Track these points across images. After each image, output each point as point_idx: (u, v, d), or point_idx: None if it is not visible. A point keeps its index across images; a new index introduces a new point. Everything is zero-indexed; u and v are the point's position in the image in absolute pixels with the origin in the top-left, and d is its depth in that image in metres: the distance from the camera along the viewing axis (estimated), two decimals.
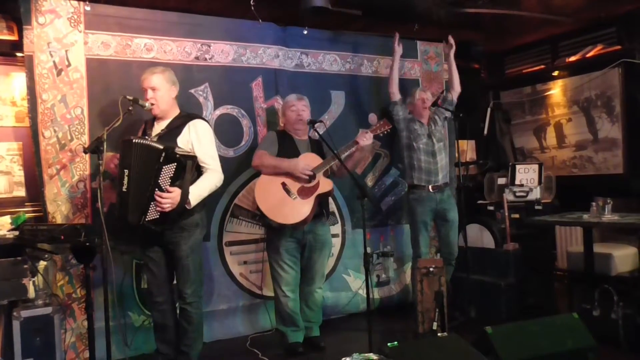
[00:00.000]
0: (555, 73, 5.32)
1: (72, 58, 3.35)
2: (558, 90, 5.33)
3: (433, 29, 4.68)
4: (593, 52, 4.98)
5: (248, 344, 3.66)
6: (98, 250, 2.67)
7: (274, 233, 3.41)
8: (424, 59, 4.74)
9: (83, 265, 2.88)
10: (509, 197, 4.59)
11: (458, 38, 4.31)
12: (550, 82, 5.39)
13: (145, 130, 3.05)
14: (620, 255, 4.08)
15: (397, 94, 4.08)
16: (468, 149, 5.58)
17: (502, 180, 4.87)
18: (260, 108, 4.01)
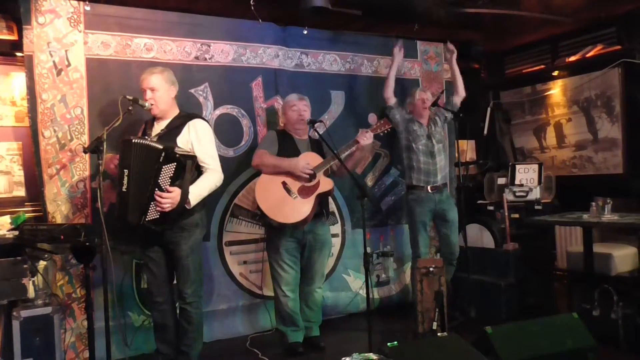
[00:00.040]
0: (555, 73, 5.32)
1: (71, 58, 3.34)
2: (558, 90, 5.33)
3: (433, 29, 4.68)
4: (593, 52, 4.98)
5: (248, 344, 3.66)
6: (98, 250, 2.67)
7: (274, 233, 3.41)
8: (424, 59, 4.74)
9: (83, 265, 2.87)
10: (509, 197, 4.59)
11: (458, 38, 4.32)
12: (550, 82, 5.39)
13: (145, 131, 3.05)
14: (620, 255, 4.08)
15: (391, 99, 4.08)
16: (468, 149, 5.58)
17: (502, 180, 4.87)
18: (260, 108, 4.01)
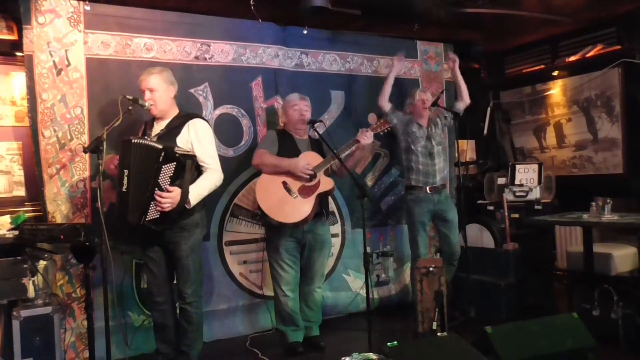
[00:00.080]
0: (555, 73, 5.32)
1: (71, 58, 3.34)
2: (558, 90, 5.33)
3: (433, 29, 4.68)
4: (593, 52, 4.98)
5: (248, 344, 3.66)
6: (98, 250, 2.67)
7: (274, 232, 3.41)
8: (424, 59, 4.73)
9: (83, 265, 2.88)
10: (509, 197, 4.59)
11: (458, 38, 4.32)
12: (550, 82, 5.39)
13: (145, 131, 3.05)
14: (620, 255, 4.07)
15: (386, 106, 4.07)
16: (468, 149, 5.58)
17: (502, 180, 4.87)
18: (260, 108, 4.01)
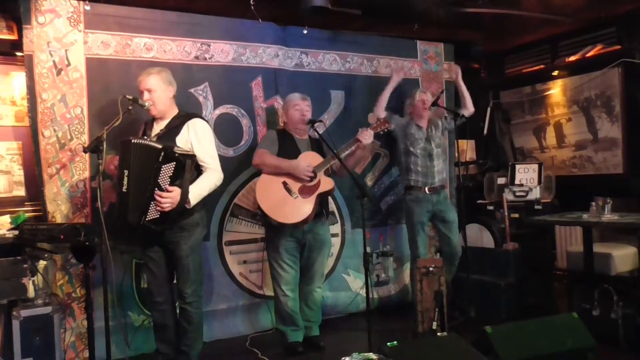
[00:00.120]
0: (555, 73, 5.33)
1: (71, 57, 3.34)
2: (558, 90, 5.33)
3: (433, 29, 4.69)
4: (593, 52, 4.98)
5: (248, 344, 3.66)
6: (98, 250, 2.67)
7: (274, 232, 3.41)
8: (424, 59, 4.73)
9: (83, 265, 2.88)
10: (509, 196, 4.59)
11: (458, 38, 4.32)
12: (550, 82, 5.39)
13: (145, 131, 3.05)
14: (620, 255, 4.08)
15: (382, 115, 4.05)
16: (468, 149, 5.58)
17: (501, 180, 4.87)
18: (260, 107, 4.01)
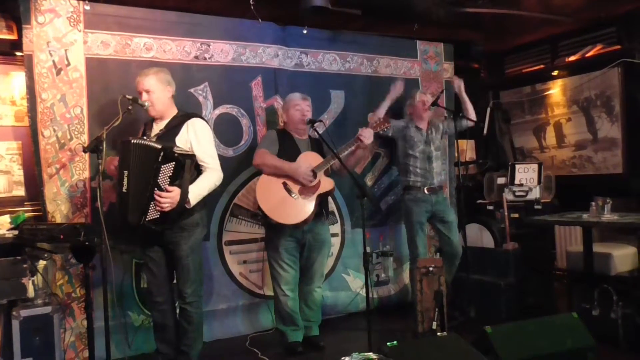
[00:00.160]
0: (555, 73, 5.33)
1: (71, 57, 3.34)
2: (558, 90, 5.33)
3: (433, 29, 4.68)
4: (593, 51, 4.98)
5: (248, 344, 3.66)
6: (97, 250, 2.66)
7: (274, 232, 3.41)
8: (424, 59, 4.73)
9: (82, 265, 2.88)
10: (509, 196, 4.59)
11: (458, 38, 4.32)
12: (550, 81, 5.39)
13: (145, 132, 3.05)
14: (620, 255, 4.08)
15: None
16: (468, 149, 5.58)
17: (501, 180, 4.87)
18: (260, 107, 4.01)
